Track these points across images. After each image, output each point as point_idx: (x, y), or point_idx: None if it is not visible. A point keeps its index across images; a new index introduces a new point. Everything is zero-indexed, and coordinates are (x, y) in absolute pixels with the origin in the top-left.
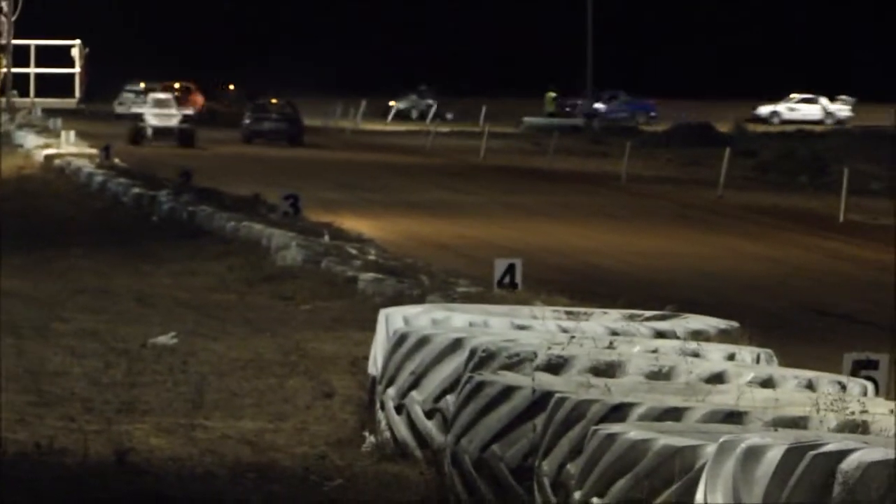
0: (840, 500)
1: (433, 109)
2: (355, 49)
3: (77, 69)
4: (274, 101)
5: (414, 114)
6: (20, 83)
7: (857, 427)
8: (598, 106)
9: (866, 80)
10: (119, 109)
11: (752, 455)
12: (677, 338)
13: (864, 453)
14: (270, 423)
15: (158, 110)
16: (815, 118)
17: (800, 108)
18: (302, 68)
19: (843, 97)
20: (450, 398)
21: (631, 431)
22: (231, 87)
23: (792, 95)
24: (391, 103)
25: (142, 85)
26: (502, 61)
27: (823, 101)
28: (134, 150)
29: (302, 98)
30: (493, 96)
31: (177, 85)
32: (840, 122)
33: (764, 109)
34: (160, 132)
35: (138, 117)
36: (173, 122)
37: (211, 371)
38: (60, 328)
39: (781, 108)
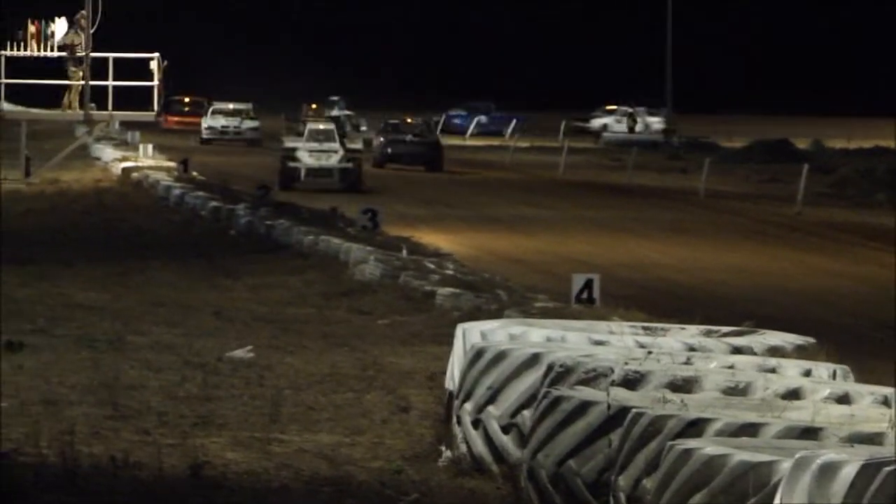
0: None
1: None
2: (418, 62)
3: (155, 82)
4: (409, 120)
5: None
6: (98, 96)
7: None
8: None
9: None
10: (207, 134)
11: (828, 471)
12: (754, 354)
13: None
14: (347, 437)
15: (315, 145)
16: (637, 129)
17: (624, 120)
18: (362, 76)
19: (654, 109)
20: (526, 413)
21: (707, 447)
22: (314, 106)
23: (609, 107)
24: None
25: (230, 106)
26: (578, 75)
27: (639, 111)
28: (212, 161)
29: (364, 109)
30: (542, 110)
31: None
32: (654, 132)
33: (596, 122)
34: (316, 173)
35: (289, 155)
36: (333, 160)
37: (287, 385)
38: (137, 341)
39: (610, 119)
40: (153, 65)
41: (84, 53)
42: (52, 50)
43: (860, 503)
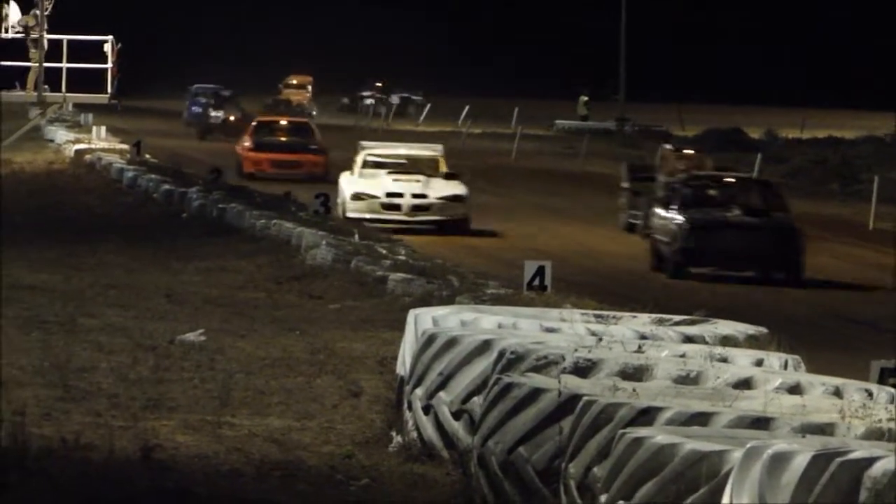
0: None
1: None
2: (381, 46)
3: (109, 64)
4: (728, 178)
5: None
6: (52, 78)
7: (884, 434)
8: None
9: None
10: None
11: (779, 461)
12: (706, 343)
13: (890, 461)
14: (297, 421)
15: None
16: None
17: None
18: (330, 65)
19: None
20: (477, 399)
21: (658, 436)
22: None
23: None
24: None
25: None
26: (533, 63)
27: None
28: (165, 144)
29: (329, 96)
30: (522, 97)
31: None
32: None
33: None
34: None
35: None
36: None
37: (238, 369)
38: (89, 323)
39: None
40: (107, 47)
41: (39, 35)
42: (6, 32)
43: (811, 494)
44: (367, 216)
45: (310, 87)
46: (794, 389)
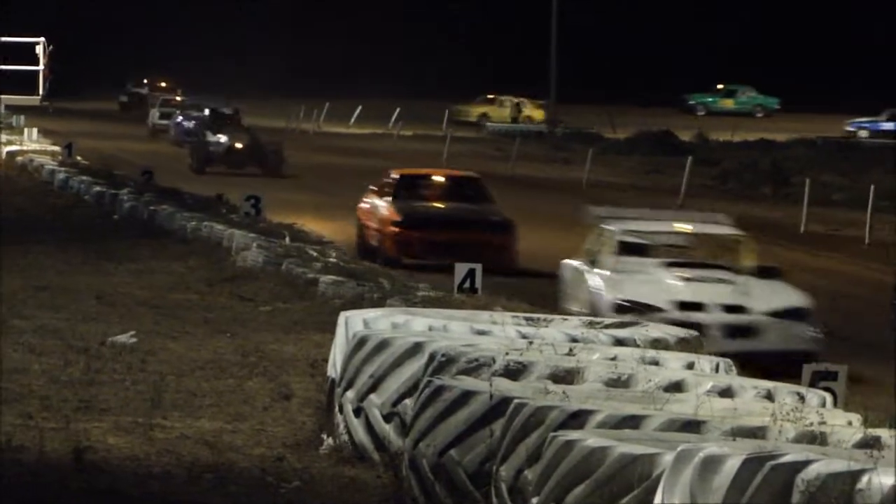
0: None
1: None
2: (318, 49)
3: (40, 66)
4: None
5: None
6: None
7: (815, 438)
8: None
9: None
10: None
11: (710, 464)
12: (636, 346)
13: (822, 465)
14: (228, 423)
15: None
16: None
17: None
18: (264, 66)
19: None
20: (408, 402)
21: (589, 439)
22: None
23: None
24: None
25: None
26: (464, 64)
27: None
28: (97, 146)
29: (265, 100)
30: (452, 100)
31: None
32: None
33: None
34: None
35: None
36: None
37: (170, 371)
38: (20, 325)
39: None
40: (38, 49)
41: None
42: None
43: (743, 497)
44: None
45: (178, 90)
46: (726, 392)
